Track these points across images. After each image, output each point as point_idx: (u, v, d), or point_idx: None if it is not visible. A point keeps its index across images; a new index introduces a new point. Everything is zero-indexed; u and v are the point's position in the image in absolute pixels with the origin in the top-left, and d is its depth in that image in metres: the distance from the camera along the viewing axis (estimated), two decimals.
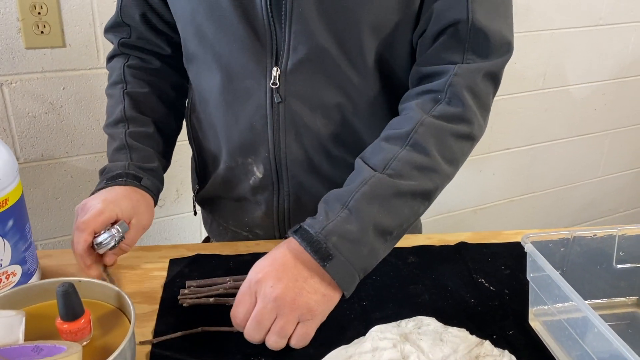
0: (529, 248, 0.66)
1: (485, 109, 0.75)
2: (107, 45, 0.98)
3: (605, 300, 0.74)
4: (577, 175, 2.21)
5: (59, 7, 1.21)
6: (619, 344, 0.51)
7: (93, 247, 0.71)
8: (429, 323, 0.65)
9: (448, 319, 0.67)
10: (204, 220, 1.05)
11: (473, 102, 0.72)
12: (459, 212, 2.04)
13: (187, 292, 0.73)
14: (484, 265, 0.80)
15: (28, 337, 0.55)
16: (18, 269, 0.69)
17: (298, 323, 0.63)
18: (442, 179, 0.71)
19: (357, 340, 0.64)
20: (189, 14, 0.78)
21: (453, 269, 0.79)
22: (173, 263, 0.79)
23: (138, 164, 0.81)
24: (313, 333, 0.65)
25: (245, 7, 0.73)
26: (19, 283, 0.69)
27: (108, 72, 0.91)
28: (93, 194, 0.76)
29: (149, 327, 0.67)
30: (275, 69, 0.75)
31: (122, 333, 0.58)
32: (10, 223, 0.66)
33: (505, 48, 0.74)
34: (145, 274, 0.77)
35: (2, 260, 0.66)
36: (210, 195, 0.94)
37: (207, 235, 1.07)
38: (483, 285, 0.76)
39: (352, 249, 0.64)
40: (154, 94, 0.88)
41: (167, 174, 0.88)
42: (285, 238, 0.69)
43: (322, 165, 0.82)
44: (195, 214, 1.02)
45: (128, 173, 0.78)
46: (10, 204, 0.66)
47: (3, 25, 1.18)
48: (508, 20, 0.75)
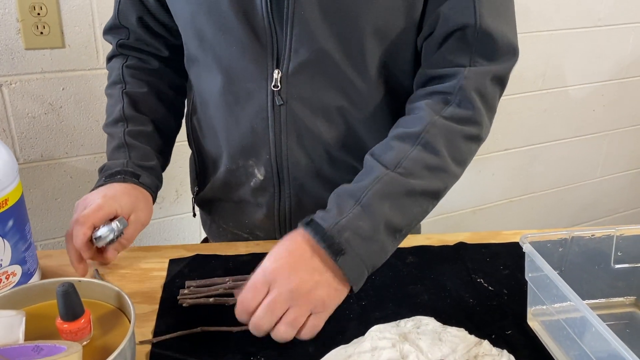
0: (528, 248, 0.66)
1: (492, 112, 0.76)
2: (106, 46, 0.98)
3: (604, 300, 0.74)
4: (576, 176, 2.22)
5: (59, 7, 1.21)
6: (617, 344, 0.52)
7: (92, 241, 0.72)
8: (428, 323, 0.65)
9: (447, 319, 0.67)
10: (203, 222, 1.05)
11: (482, 104, 0.73)
12: (458, 212, 2.05)
13: (186, 292, 0.73)
14: (483, 266, 0.80)
15: (28, 337, 0.55)
16: (18, 269, 0.69)
17: (310, 315, 0.63)
18: (450, 179, 0.72)
19: (356, 340, 0.64)
20: (189, 16, 0.78)
21: (452, 269, 0.79)
22: (173, 263, 0.79)
23: (136, 162, 0.81)
24: (322, 325, 0.64)
25: (245, 8, 0.72)
26: (19, 283, 0.69)
27: (108, 72, 0.92)
28: (92, 191, 0.77)
29: (149, 327, 0.68)
30: (277, 72, 0.75)
31: (122, 333, 0.58)
32: (10, 223, 0.66)
33: (512, 52, 0.75)
34: (145, 274, 0.78)
35: (2, 261, 0.66)
36: (210, 197, 0.94)
37: (206, 236, 1.07)
38: (482, 285, 0.76)
39: (363, 246, 0.64)
40: (153, 94, 0.89)
41: (166, 175, 0.89)
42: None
43: (323, 168, 0.82)
44: (195, 216, 1.02)
45: (126, 170, 0.79)
46: (10, 204, 0.66)
47: (2, 26, 1.18)
48: (512, 24, 0.76)
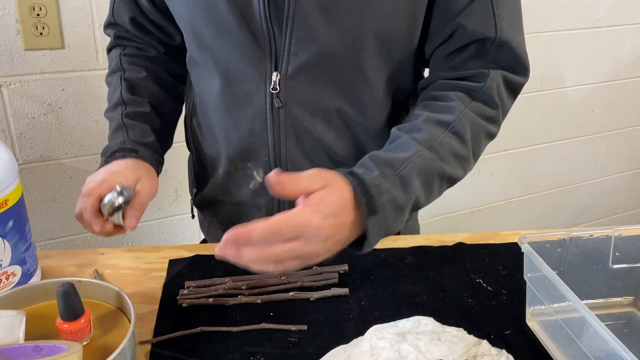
0: (526, 248, 0.66)
1: (505, 116, 0.78)
2: (106, 47, 0.98)
3: (602, 300, 0.74)
4: (574, 177, 2.22)
5: (58, 8, 1.21)
6: (616, 344, 0.52)
7: (101, 212, 0.72)
8: (427, 323, 0.65)
9: (446, 319, 0.68)
10: (201, 224, 1.05)
11: (501, 107, 0.75)
12: (457, 213, 2.05)
13: (186, 292, 0.73)
14: (482, 266, 0.80)
15: (28, 336, 0.55)
16: (18, 270, 0.69)
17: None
18: (468, 170, 0.74)
19: (355, 340, 0.64)
20: (187, 19, 0.78)
21: (451, 270, 0.79)
22: (172, 264, 0.80)
23: (134, 139, 0.82)
24: None
25: (243, 11, 0.72)
26: (19, 283, 0.69)
27: (108, 62, 0.94)
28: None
29: (149, 327, 0.68)
30: (275, 74, 0.75)
31: (122, 333, 0.58)
32: (11, 224, 0.66)
33: (525, 69, 0.76)
34: (145, 275, 0.78)
35: (2, 261, 0.67)
36: (209, 199, 0.94)
37: (204, 238, 1.07)
38: (481, 286, 0.76)
39: (393, 214, 0.64)
40: (150, 78, 0.90)
41: (165, 176, 0.89)
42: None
43: None
44: (193, 217, 1.02)
45: (125, 148, 0.80)
46: (10, 205, 0.66)
47: (2, 27, 1.18)
48: (523, 34, 0.77)
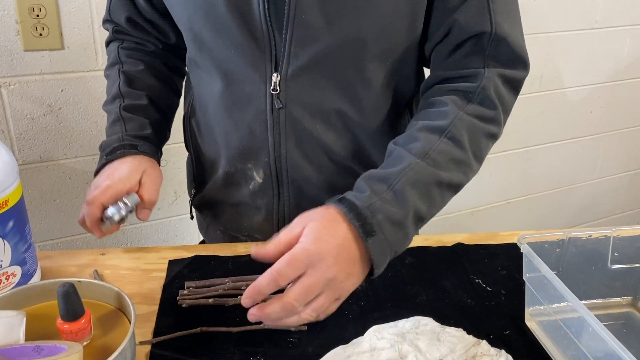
0: (525, 249, 0.66)
1: (507, 114, 0.77)
2: (105, 48, 0.99)
3: (601, 301, 0.74)
4: (573, 178, 2.22)
5: (58, 9, 1.21)
6: (614, 344, 0.52)
7: (102, 220, 0.75)
8: (427, 323, 0.66)
9: (445, 319, 0.68)
10: (200, 225, 1.05)
11: (500, 105, 0.74)
12: (456, 213, 2.05)
13: (186, 292, 0.73)
14: (481, 266, 0.81)
15: (29, 337, 0.55)
16: (18, 270, 0.69)
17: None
18: (471, 174, 0.73)
19: (355, 340, 0.64)
20: (187, 21, 0.78)
21: (450, 270, 0.79)
22: (172, 264, 0.80)
23: (132, 133, 0.83)
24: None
25: (243, 12, 0.72)
26: (19, 284, 0.69)
27: (107, 56, 0.95)
28: (97, 172, 0.80)
29: (149, 327, 0.68)
30: (275, 75, 0.75)
31: (122, 333, 0.58)
32: (11, 224, 0.66)
33: (524, 62, 0.76)
34: (145, 275, 0.78)
35: (2, 261, 0.67)
36: (208, 200, 0.94)
37: (203, 239, 1.07)
38: (480, 286, 0.77)
39: (393, 231, 0.63)
40: (148, 71, 0.91)
41: (164, 176, 0.89)
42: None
43: (322, 171, 0.82)
44: (192, 218, 1.02)
45: (124, 144, 0.81)
46: (11, 205, 0.66)
47: (1, 28, 1.18)
48: (521, 28, 0.77)
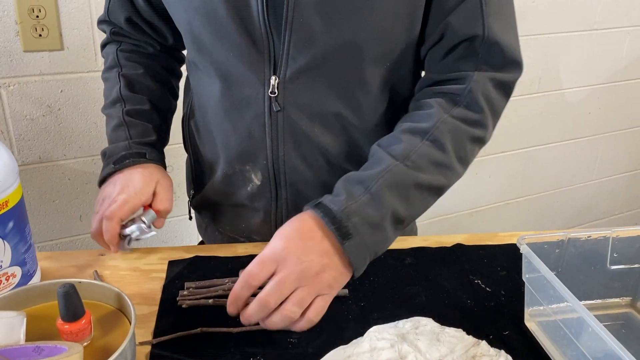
0: (525, 249, 0.66)
1: (497, 117, 0.78)
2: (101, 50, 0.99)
3: (600, 301, 0.74)
4: (571, 178, 2.23)
5: (58, 10, 1.21)
6: (614, 344, 0.52)
7: (120, 236, 0.77)
8: (426, 324, 0.66)
9: (445, 320, 0.68)
10: (198, 225, 1.05)
11: (488, 109, 0.75)
12: (455, 214, 2.05)
13: (186, 293, 0.73)
14: (480, 267, 0.81)
15: (29, 337, 0.55)
16: (18, 271, 0.69)
17: (316, 297, 0.63)
18: (454, 177, 0.74)
19: (355, 341, 0.64)
20: (186, 23, 0.78)
21: (450, 270, 0.80)
22: (172, 265, 0.80)
23: (137, 140, 0.83)
24: (326, 307, 0.65)
25: (242, 15, 0.72)
26: (19, 284, 0.69)
27: (103, 58, 0.94)
28: (105, 180, 0.81)
29: (149, 328, 0.68)
30: (274, 78, 0.75)
31: (122, 334, 0.58)
32: (11, 225, 0.66)
33: (517, 64, 0.77)
34: (145, 276, 0.78)
35: (2, 262, 0.67)
36: (207, 201, 0.94)
37: (201, 240, 1.07)
38: (479, 286, 0.77)
39: (370, 232, 0.65)
40: (148, 75, 0.91)
41: None
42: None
43: (320, 173, 0.82)
44: (191, 219, 1.02)
45: (132, 153, 0.82)
46: (11, 206, 0.66)
47: (1, 28, 1.18)
48: (516, 33, 0.77)
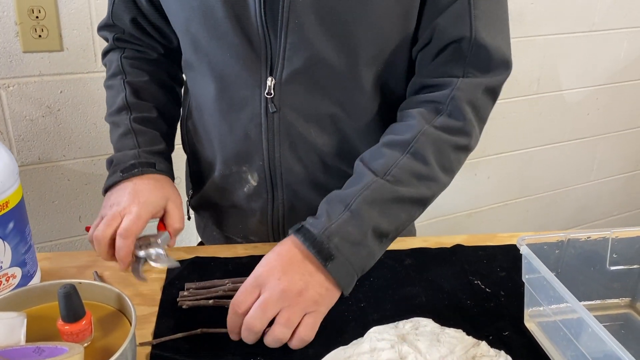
0: (525, 250, 0.66)
1: (483, 122, 0.78)
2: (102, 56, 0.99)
3: (599, 302, 0.75)
4: (570, 179, 2.23)
5: (57, 11, 1.21)
6: (613, 344, 0.52)
7: (134, 255, 0.76)
8: (426, 324, 0.66)
9: (445, 320, 0.68)
10: (197, 225, 1.05)
11: (473, 115, 0.74)
12: (454, 215, 2.05)
13: (186, 294, 0.73)
14: (480, 267, 0.81)
15: (29, 338, 0.55)
16: (18, 271, 0.69)
17: (304, 315, 0.64)
18: (438, 187, 0.74)
19: (355, 341, 0.64)
20: (184, 23, 0.78)
21: (449, 271, 0.80)
22: None
23: (146, 149, 0.82)
24: (319, 324, 0.65)
25: (239, 16, 0.72)
26: (19, 285, 0.69)
27: (105, 66, 0.93)
28: (112, 187, 0.79)
29: (149, 328, 0.68)
30: (270, 79, 0.75)
31: (122, 334, 0.58)
32: (11, 225, 0.66)
33: (505, 65, 0.76)
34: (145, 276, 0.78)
35: (2, 263, 0.67)
36: (205, 201, 0.94)
37: (201, 240, 1.07)
38: (479, 287, 0.77)
39: (352, 250, 0.66)
40: (153, 82, 0.90)
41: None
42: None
43: (316, 174, 0.83)
44: (189, 219, 1.02)
45: (141, 162, 0.80)
46: (11, 207, 0.66)
47: (1, 29, 1.18)
48: (507, 38, 0.77)
